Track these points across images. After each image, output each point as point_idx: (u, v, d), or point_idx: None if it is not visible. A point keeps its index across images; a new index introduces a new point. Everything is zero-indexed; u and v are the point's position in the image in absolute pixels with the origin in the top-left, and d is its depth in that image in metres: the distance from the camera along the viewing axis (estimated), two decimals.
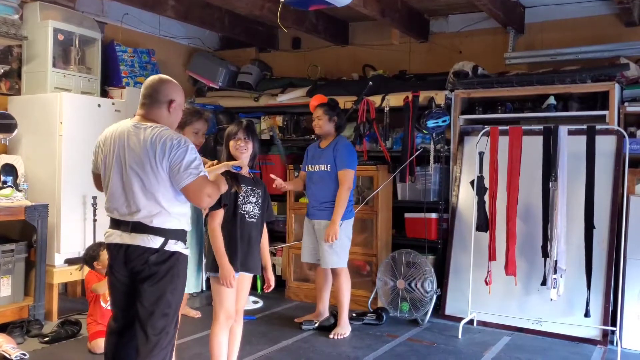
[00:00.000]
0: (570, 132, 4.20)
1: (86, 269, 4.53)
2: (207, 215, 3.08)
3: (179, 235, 2.60)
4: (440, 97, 4.97)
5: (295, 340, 4.13)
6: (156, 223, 2.53)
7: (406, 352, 3.94)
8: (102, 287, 3.83)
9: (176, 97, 2.65)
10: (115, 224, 2.61)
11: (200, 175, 2.52)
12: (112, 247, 2.62)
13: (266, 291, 3.29)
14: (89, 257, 4.03)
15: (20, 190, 4.26)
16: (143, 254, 2.52)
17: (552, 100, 4.70)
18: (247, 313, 4.65)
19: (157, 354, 2.54)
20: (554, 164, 4.16)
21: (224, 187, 2.76)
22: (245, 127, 3.11)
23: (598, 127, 4.18)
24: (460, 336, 4.25)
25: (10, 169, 4.37)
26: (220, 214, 3.00)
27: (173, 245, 2.56)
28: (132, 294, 2.60)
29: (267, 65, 6.25)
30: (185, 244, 2.64)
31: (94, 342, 3.76)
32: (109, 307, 3.85)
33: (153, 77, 2.69)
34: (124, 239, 2.56)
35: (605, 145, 4.32)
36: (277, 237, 5.49)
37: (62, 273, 4.46)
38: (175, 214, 2.58)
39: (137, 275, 2.56)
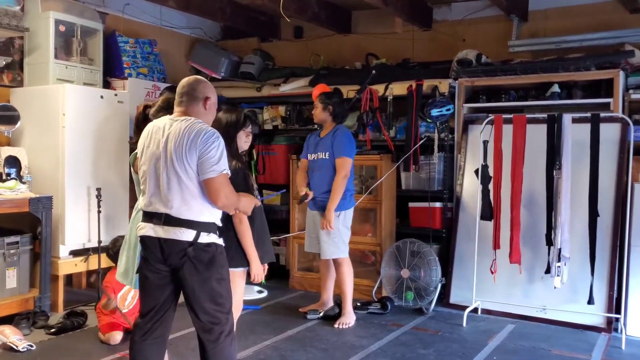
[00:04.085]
0: (575, 120, 4.18)
1: (92, 260, 4.57)
2: None
3: (210, 227, 2.59)
4: (444, 85, 4.95)
5: (300, 329, 4.14)
6: (187, 216, 2.53)
7: (411, 340, 3.95)
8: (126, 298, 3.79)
9: (211, 95, 2.71)
10: (148, 216, 2.60)
11: (223, 172, 2.55)
12: (146, 240, 2.60)
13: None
14: (117, 250, 3.92)
15: (24, 182, 4.26)
16: (180, 247, 2.52)
17: (556, 88, 4.68)
18: (252, 303, 4.69)
19: (222, 341, 2.58)
20: (558, 152, 4.14)
21: (245, 204, 2.78)
22: (253, 119, 3.21)
23: (602, 114, 4.17)
24: (464, 324, 4.26)
25: (13, 161, 4.36)
26: None
27: (206, 237, 2.56)
28: (169, 289, 2.60)
29: (269, 55, 6.22)
30: (218, 236, 2.64)
31: (108, 334, 3.73)
32: (124, 310, 3.80)
33: (189, 77, 2.74)
34: (158, 232, 2.55)
35: (609, 133, 4.30)
36: (280, 227, 5.49)
37: (67, 265, 4.47)
38: (206, 206, 2.57)
39: (179, 271, 2.54)
